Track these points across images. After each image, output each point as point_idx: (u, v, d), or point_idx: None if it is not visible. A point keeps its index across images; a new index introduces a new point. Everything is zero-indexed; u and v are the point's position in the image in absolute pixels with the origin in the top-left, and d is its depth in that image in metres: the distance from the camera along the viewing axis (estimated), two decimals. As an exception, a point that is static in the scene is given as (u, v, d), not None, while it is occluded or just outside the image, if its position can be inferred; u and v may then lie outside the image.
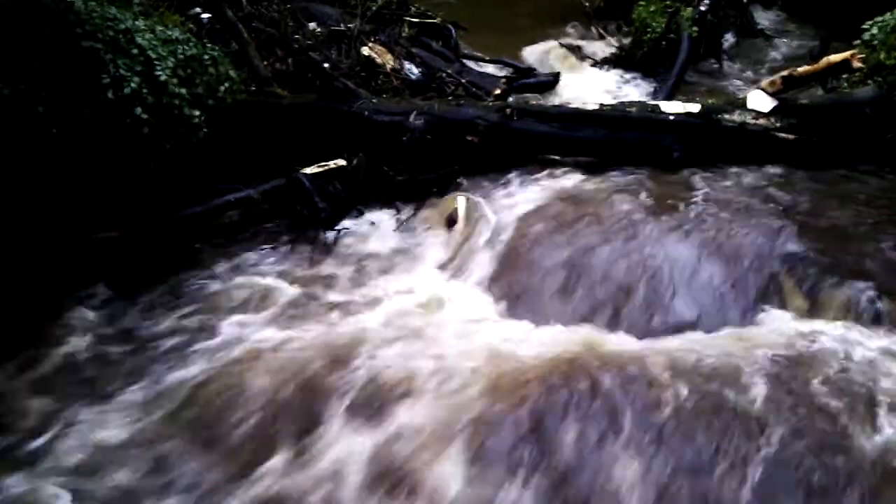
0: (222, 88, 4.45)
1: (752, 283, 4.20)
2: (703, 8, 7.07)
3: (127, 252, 4.34)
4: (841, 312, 3.96)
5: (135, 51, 3.87)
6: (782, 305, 4.06)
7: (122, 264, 4.33)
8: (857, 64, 5.10)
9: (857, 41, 5.07)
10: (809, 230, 4.47)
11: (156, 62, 3.90)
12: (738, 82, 7.16)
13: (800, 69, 5.26)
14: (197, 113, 4.09)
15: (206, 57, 4.35)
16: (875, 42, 5.28)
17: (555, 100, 6.52)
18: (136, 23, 3.98)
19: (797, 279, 4.17)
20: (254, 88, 5.21)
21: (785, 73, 5.26)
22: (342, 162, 5.00)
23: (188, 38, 4.30)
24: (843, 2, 7.74)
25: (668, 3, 7.29)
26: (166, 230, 4.53)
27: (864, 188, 4.87)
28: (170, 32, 4.23)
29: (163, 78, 3.89)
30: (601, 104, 5.37)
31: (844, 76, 5.76)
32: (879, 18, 4.54)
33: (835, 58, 5.20)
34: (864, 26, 4.58)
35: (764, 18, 9.04)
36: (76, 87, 3.75)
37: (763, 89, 5.29)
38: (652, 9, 7.12)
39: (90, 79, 3.76)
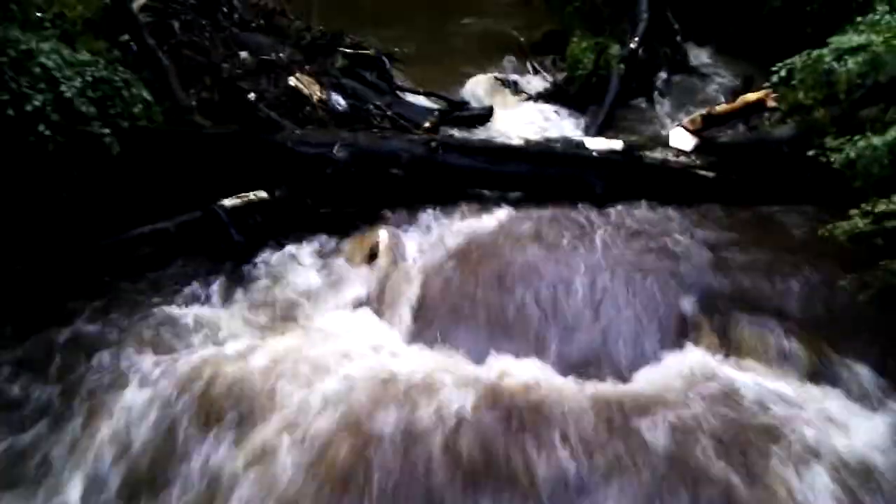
0: (135, 110, 4.36)
1: (666, 320, 4.24)
2: (632, 45, 7.19)
3: (32, 287, 4.18)
4: (752, 351, 4.01)
5: (37, 70, 3.83)
6: (695, 343, 4.09)
7: (26, 299, 4.17)
8: (771, 103, 5.23)
9: (767, 83, 5.19)
10: (725, 267, 4.53)
11: (61, 81, 3.82)
12: (669, 119, 7.27)
13: (718, 108, 5.39)
14: (107, 131, 4.00)
15: (118, 79, 4.28)
16: (793, 82, 5.45)
17: (489, 133, 6.57)
18: (41, 45, 3.90)
19: (710, 317, 4.21)
20: (174, 117, 5.10)
21: (704, 111, 5.37)
22: (263, 193, 4.91)
23: (97, 60, 4.24)
24: (771, 41, 8.01)
25: (599, 40, 7.41)
26: (75, 263, 4.39)
27: (781, 226, 4.96)
28: (79, 55, 4.15)
29: (68, 95, 3.84)
30: (527, 139, 5.40)
31: (766, 115, 5.93)
32: (788, 60, 4.66)
33: (750, 97, 5.33)
34: (773, 68, 4.70)
35: (699, 56, 9.24)
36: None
37: (684, 127, 5.39)
38: (584, 45, 7.23)
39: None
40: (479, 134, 6.52)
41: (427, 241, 4.92)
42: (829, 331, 3.91)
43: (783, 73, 4.54)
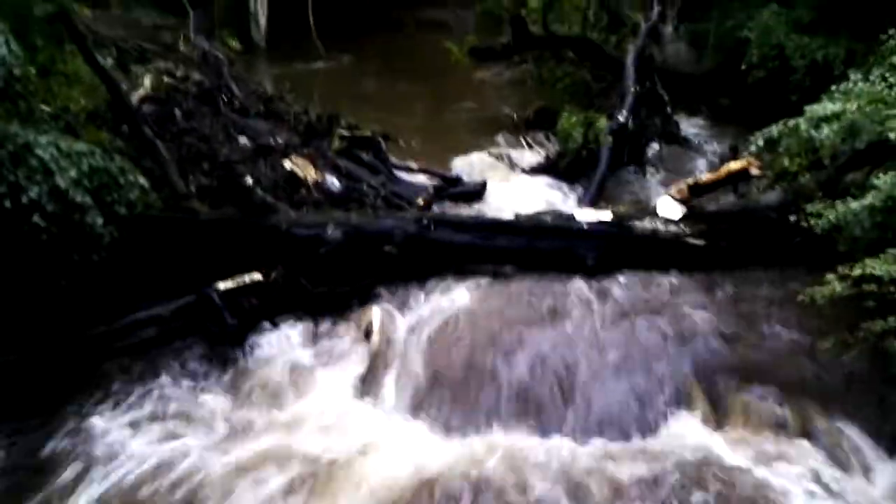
0: (132, 198, 4.48)
1: (660, 390, 4.26)
2: (621, 118, 7.36)
3: (25, 376, 4.23)
4: (745, 419, 4.02)
5: (34, 162, 3.95)
6: (689, 411, 4.10)
7: (18, 389, 4.21)
8: (755, 171, 5.32)
9: (746, 151, 5.30)
10: (717, 335, 4.57)
11: (57, 172, 3.95)
12: (661, 189, 7.37)
13: (703, 177, 5.48)
14: (100, 221, 4.12)
15: (114, 168, 4.41)
16: (779, 149, 5.57)
17: (483, 208, 6.69)
18: (39, 138, 4.05)
19: (704, 385, 4.24)
20: (171, 203, 5.24)
21: (690, 181, 5.47)
22: (258, 276, 4.98)
23: (94, 150, 4.37)
24: (760, 110, 8.18)
25: (587, 114, 7.59)
26: (70, 351, 4.45)
27: (771, 292, 4.99)
28: (76, 146, 4.29)
29: (63, 186, 3.95)
30: (517, 214, 5.50)
31: (755, 181, 6.03)
32: (766, 129, 4.77)
33: (734, 166, 5.43)
34: (751, 137, 4.82)
35: (690, 125, 9.43)
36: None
37: (672, 196, 5.47)
38: (573, 120, 7.40)
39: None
40: (475, 208, 6.65)
41: (420, 317, 4.96)
42: (817, 394, 3.95)
43: (760, 142, 4.64)
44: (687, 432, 3.96)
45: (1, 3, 4.74)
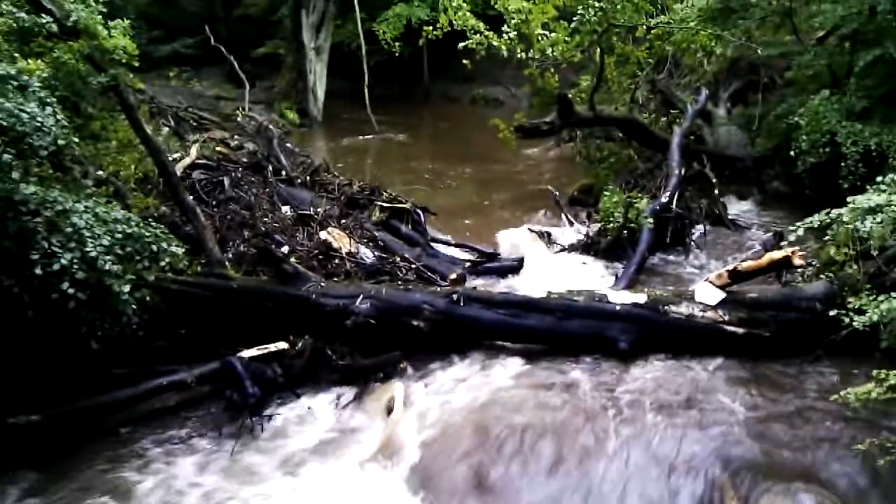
0: (163, 264, 4.55)
1: (691, 492, 4.01)
2: (664, 199, 7.27)
3: (47, 438, 4.26)
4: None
5: (69, 229, 4.02)
6: (720, 510, 3.86)
7: (40, 451, 4.24)
8: (797, 261, 5.14)
9: (786, 241, 5.13)
10: (754, 430, 4.33)
11: (89, 239, 4.03)
12: (703, 272, 7.20)
13: (744, 264, 5.31)
14: (127, 289, 4.16)
15: (148, 235, 4.49)
16: (826, 238, 5.38)
17: (520, 284, 6.63)
18: (77, 204, 4.16)
19: (738, 487, 3.98)
20: (205, 270, 5.33)
21: (731, 267, 5.31)
22: (284, 345, 4.99)
23: (129, 218, 4.46)
24: (812, 196, 8.01)
25: (631, 194, 7.53)
26: (92, 414, 4.48)
27: (814, 388, 4.74)
28: (114, 213, 4.40)
29: (93, 254, 4.01)
30: (549, 292, 5.39)
31: (800, 270, 5.82)
32: (808, 220, 4.61)
33: (777, 255, 5.26)
34: (791, 227, 4.66)
35: (739, 209, 9.27)
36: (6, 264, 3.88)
37: (711, 282, 5.31)
38: (615, 199, 7.34)
39: (22, 255, 3.90)
40: (511, 285, 6.58)
41: (444, 396, 4.85)
42: (851, 497, 3.66)
43: (801, 231, 4.49)
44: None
45: (56, 76, 4.97)
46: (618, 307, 5.24)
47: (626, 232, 7.11)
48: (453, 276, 6.01)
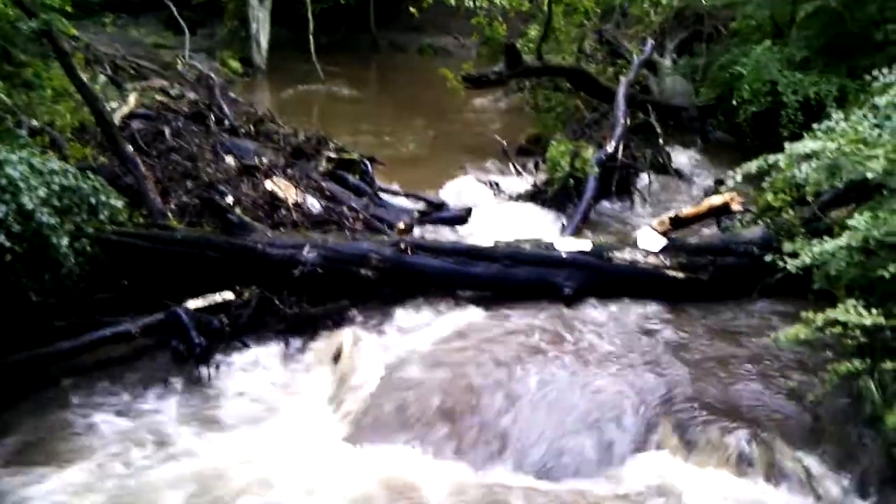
0: (102, 217, 4.44)
1: (630, 424, 4.17)
2: (609, 149, 7.35)
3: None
4: (714, 456, 3.92)
5: (3, 181, 3.90)
6: (658, 447, 4.02)
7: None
8: (736, 206, 5.28)
9: (725, 187, 5.26)
10: (691, 370, 4.49)
11: (24, 191, 3.92)
12: (648, 220, 7.34)
13: (684, 210, 5.44)
14: (65, 242, 4.08)
15: (86, 187, 4.38)
16: (763, 185, 5.54)
17: (466, 234, 6.66)
18: (10, 155, 4.02)
19: (674, 420, 4.15)
20: (148, 221, 5.23)
21: (672, 214, 5.42)
22: (230, 295, 4.95)
23: (66, 169, 4.34)
24: (752, 145, 8.18)
25: (577, 143, 7.59)
26: (32, 366, 4.40)
27: (749, 328, 4.92)
28: (49, 164, 4.27)
29: (29, 206, 3.90)
30: (496, 241, 5.44)
31: (740, 216, 5.97)
32: (745, 165, 4.73)
33: (716, 201, 5.40)
34: (730, 173, 4.77)
35: (682, 158, 9.41)
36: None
37: (653, 229, 5.43)
38: (562, 148, 7.39)
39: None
40: (459, 234, 6.62)
41: (393, 342, 4.90)
42: (786, 432, 3.87)
43: (739, 177, 4.59)
44: (654, 467, 3.87)
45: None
46: (563, 254, 5.32)
47: (572, 181, 7.17)
48: (401, 225, 6.00)
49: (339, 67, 14.77)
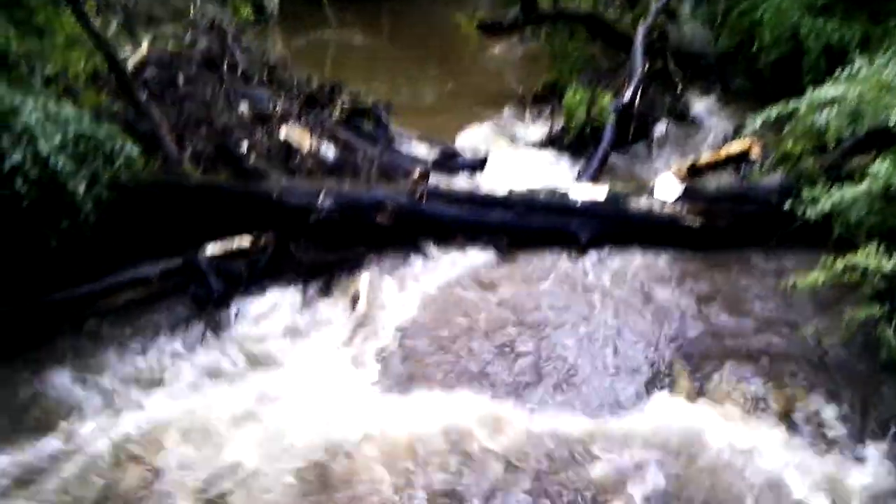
0: (117, 163, 4.45)
1: (645, 368, 4.23)
2: (626, 96, 7.24)
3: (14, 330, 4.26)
4: (728, 399, 3.96)
5: (18, 127, 3.90)
6: (672, 391, 4.06)
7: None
8: (755, 154, 5.21)
9: (744, 134, 5.18)
10: (706, 316, 4.52)
11: (40, 138, 3.92)
12: (665, 168, 7.27)
13: (702, 158, 5.37)
14: (82, 188, 4.09)
15: (101, 134, 4.37)
16: (784, 132, 5.45)
17: (481, 181, 6.62)
18: (26, 102, 4.02)
19: (689, 365, 4.19)
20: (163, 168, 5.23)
21: (689, 161, 5.37)
22: (247, 241, 4.98)
23: (81, 116, 4.33)
24: (772, 92, 8.02)
25: (594, 90, 7.48)
26: (59, 308, 4.46)
27: (767, 276, 4.90)
28: (64, 111, 4.26)
29: (45, 152, 3.91)
30: (511, 189, 5.41)
31: (760, 164, 5.90)
32: (765, 111, 4.66)
33: (735, 148, 5.33)
34: (749, 119, 4.70)
35: (701, 105, 9.27)
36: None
37: (670, 177, 5.38)
38: (578, 96, 7.29)
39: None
40: (475, 182, 6.58)
41: (409, 287, 4.95)
42: (802, 377, 3.90)
43: (758, 123, 4.54)
44: (670, 409, 3.91)
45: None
46: (579, 202, 5.30)
47: (589, 129, 7.09)
48: (416, 173, 5.96)
49: (351, 15, 14.54)
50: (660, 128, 7.91)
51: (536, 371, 4.23)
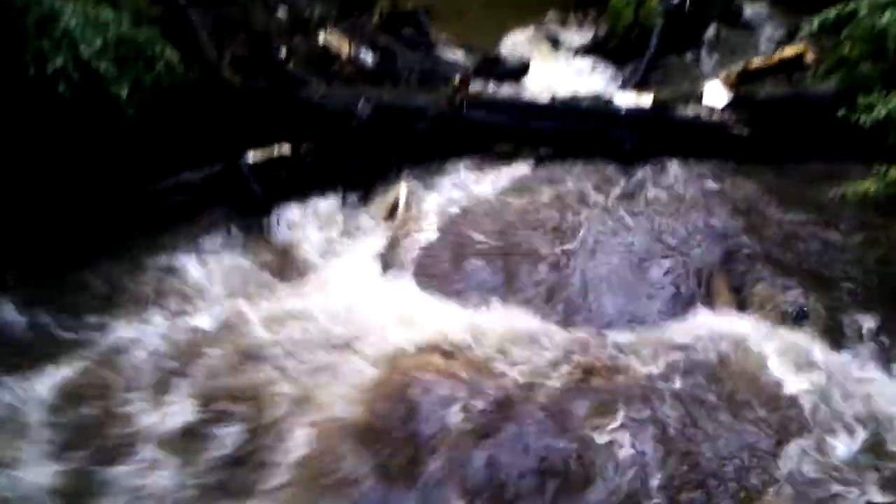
0: (158, 68, 4.44)
1: (686, 279, 4.20)
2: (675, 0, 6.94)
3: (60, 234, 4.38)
4: (772, 311, 3.93)
5: (59, 31, 3.90)
6: (717, 301, 4.04)
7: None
8: (809, 58, 4.98)
9: (799, 38, 4.94)
10: (750, 227, 4.45)
11: (81, 42, 3.92)
12: (714, 74, 7.01)
13: (754, 63, 5.16)
14: (124, 92, 4.10)
15: (141, 38, 4.35)
16: (841, 35, 5.18)
17: (524, 88, 6.48)
18: (65, 5, 4.00)
19: (731, 274, 4.16)
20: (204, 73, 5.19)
21: (739, 67, 5.16)
22: (287, 147, 4.98)
23: (121, 20, 4.30)
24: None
25: (642, -8, 7.19)
26: (104, 213, 4.55)
27: (813, 188, 4.75)
28: (104, 14, 4.23)
29: (86, 56, 3.92)
30: (554, 96, 5.29)
31: (810, 69, 5.65)
32: (823, 13, 4.42)
33: (788, 52, 5.10)
34: (805, 22, 4.47)
35: (754, 8, 8.85)
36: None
37: (719, 82, 5.20)
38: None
39: (15, 58, 3.81)
40: (516, 89, 6.44)
41: (449, 196, 4.92)
42: (844, 290, 3.84)
43: (815, 25, 4.32)
44: (713, 319, 3.88)
45: None
46: (623, 110, 5.17)
47: (635, 33, 6.85)
48: (457, 79, 5.85)
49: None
50: (710, 32, 7.59)
51: (574, 281, 4.23)
